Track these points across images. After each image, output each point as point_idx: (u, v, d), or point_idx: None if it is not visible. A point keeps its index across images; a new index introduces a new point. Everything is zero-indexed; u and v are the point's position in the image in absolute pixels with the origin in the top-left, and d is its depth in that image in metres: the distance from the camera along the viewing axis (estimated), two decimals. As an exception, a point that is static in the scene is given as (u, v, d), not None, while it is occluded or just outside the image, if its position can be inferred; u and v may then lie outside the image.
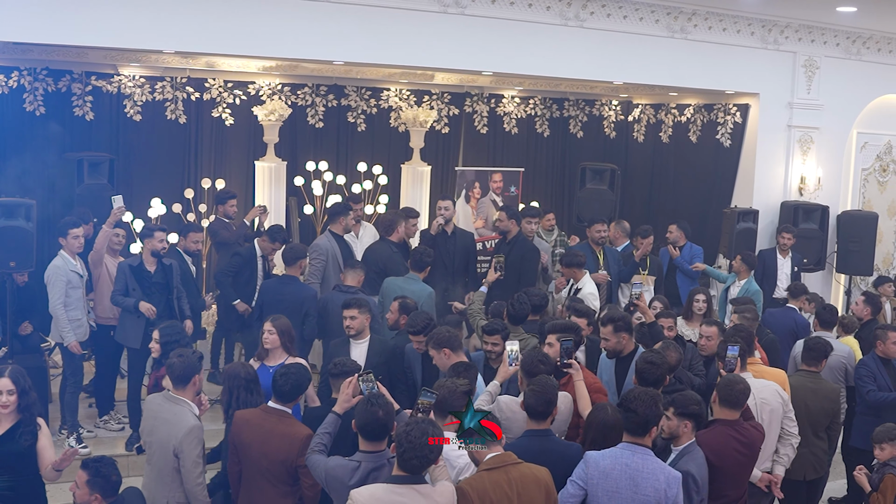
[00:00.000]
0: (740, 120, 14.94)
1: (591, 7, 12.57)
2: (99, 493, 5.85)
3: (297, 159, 14.28)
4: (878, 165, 15.80)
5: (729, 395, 6.57)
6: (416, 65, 12.79)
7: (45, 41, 11.04)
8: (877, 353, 9.08)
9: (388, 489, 5.22)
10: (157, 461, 6.59)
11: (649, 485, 5.61)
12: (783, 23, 14.09)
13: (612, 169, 14.26)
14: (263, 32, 11.16)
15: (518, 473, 5.52)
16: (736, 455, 6.49)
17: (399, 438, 5.24)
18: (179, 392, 6.62)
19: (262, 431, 6.42)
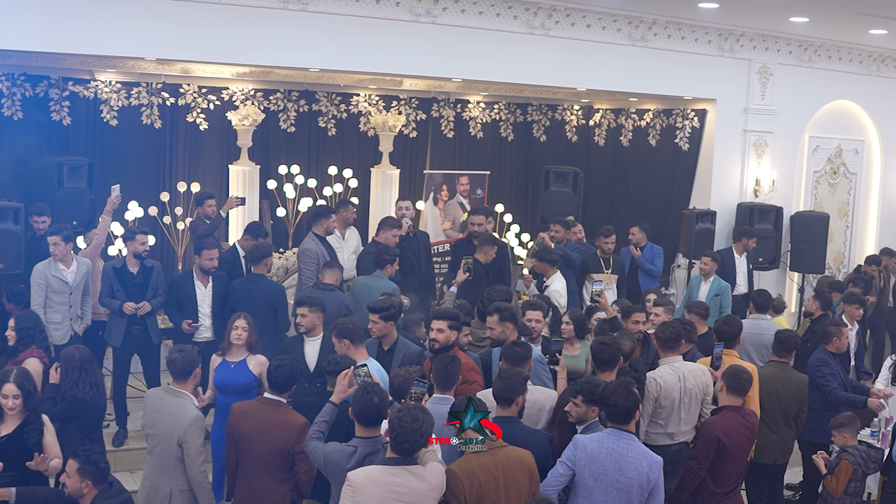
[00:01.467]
0: (698, 125, 15.41)
1: (556, 17, 12.98)
2: (90, 480, 6.13)
3: (269, 163, 14.51)
4: (829, 168, 16.31)
5: (735, 383, 7.20)
6: (389, 72, 13.08)
7: (24, 48, 11.08)
8: (828, 348, 9.53)
9: (383, 470, 5.61)
10: (160, 452, 6.93)
11: (633, 468, 6.06)
12: (739, 32, 14.57)
13: (575, 172, 14.63)
14: (238, 40, 11.44)
15: (504, 456, 5.91)
16: (742, 437, 7.16)
17: (392, 424, 5.64)
18: (180, 385, 6.99)
19: (260, 421, 6.78)
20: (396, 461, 5.64)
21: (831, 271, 16.01)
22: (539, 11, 12.82)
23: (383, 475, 5.60)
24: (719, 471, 7.08)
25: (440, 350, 7.56)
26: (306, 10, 11.48)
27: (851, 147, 16.56)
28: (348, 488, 5.58)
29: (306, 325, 8.37)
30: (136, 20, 10.87)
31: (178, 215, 13.50)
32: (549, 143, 17.02)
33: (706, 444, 7.06)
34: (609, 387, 6.32)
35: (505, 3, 12.61)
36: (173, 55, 11.73)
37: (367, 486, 5.55)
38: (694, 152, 15.55)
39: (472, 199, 15.38)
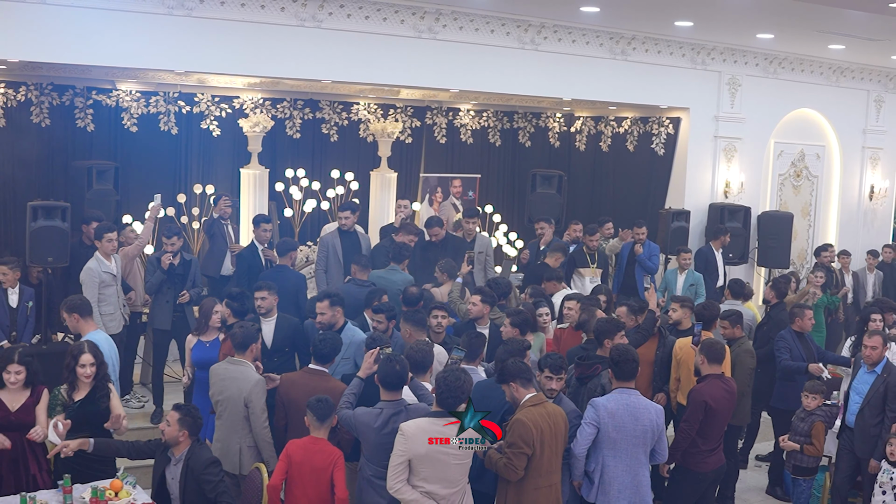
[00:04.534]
0: (672, 131, 16.16)
1: (545, 33, 13.83)
2: (187, 431, 7.21)
3: (277, 167, 15.13)
4: (793, 171, 17.13)
5: (713, 353, 8.28)
6: (395, 83, 13.85)
7: (53, 60, 11.75)
8: (793, 328, 10.71)
9: (430, 421, 6.64)
10: (228, 415, 7.91)
11: (646, 417, 7.25)
12: (710, 46, 15.32)
13: (559, 175, 15.43)
14: (257, 54, 12.16)
15: (551, 408, 6.98)
16: (725, 400, 8.22)
17: (438, 382, 6.71)
18: (241, 356, 8.01)
19: (308, 388, 7.65)
20: (441, 413, 6.67)
21: (795, 266, 16.80)
22: (529, 28, 13.67)
23: (430, 425, 6.61)
24: (706, 431, 8.14)
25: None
26: (321, 27, 12.27)
27: (813, 152, 17.32)
28: (401, 437, 6.56)
29: (266, 307, 9.24)
30: (154, 35, 11.54)
31: (194, 215, 14.17)
32: (534, 148, 17.84)
33: (695, 407, 8.13)
34: (620, 348, 7.47)
35: (499, 20, 13.41)
36: (189, 67, 12.39)
37: (417, 434, 6.54)
38: (669, 157, 16.26)
39: (464, 201, 16.35)
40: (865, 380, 9.22)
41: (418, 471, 6.59)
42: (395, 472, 6.59)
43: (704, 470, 8.25)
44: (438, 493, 6.61)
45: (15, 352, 7.61)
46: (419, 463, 6.57)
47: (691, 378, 8.94)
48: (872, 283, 15.97)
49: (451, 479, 6.67)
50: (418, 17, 12.86)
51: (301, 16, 12.14)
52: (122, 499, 7.15)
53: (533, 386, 7.04)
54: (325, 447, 7.02)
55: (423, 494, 6.59)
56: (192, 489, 7.11)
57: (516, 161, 17.86)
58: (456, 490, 6.71)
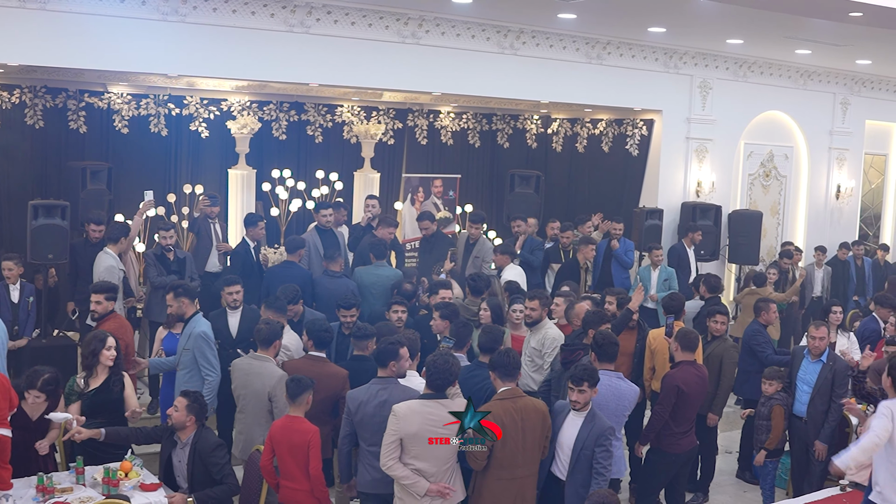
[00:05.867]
0: (646, 133, 16.61)
1: (524, 38, 14.25)
2: (194, 416, 7.67)
3: (264, 167, 15.45)
4: (762, 171, 17.65)
5: (687, 341, 8.80)
6: (379, 86, 14.25)
7: (47, 64, 12.10)
8: (759, 321, 11.21)
9: (421, 403, 7.08)
10: (251, 409, 8.32)
11: (625, 397, 7.81)
12: (682, 51, 15.79)
13: (537, 175, 15.84)
14: (247, 59, 12.50)
15: (522, 403, 7.23)
16: (696, 385, 8.73)
17: (428, 365, 7.19)
18: (263, 352, 8.44)
19: (313, 374, 8.01)
20: (431, 396, 7.12)
21: (765, 263, 17.11)
22: (509, 34, 14.08)
23: (421, 406, 7.05)
24: (679, 414, 8.69)
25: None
26: (309, 32, 12.63)
27: (782, 153, 17.86)
28: (394, 417, 7.00)
29: (239, 300, 9.81)
30: (145, 40, 11.84)
31: (184, 214, 14.43)
32: (512, 149, 18.22)
33: (668, 392, 8.66)
34: (602, 334, 8.01)
35: (479, 26, 13.82)
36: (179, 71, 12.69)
37: (408, 415, 6.97)
38: (643, 157, 16.70)
39: (444, 200, 16.81)
40: (811, 370, 9.65)
41: (409, 449, 6.99)
42: (387, 450, 7.01)
43: (677, 451, 8.78)
44: (428, 471, 7.00)
45: (39, 378, 7.69)
46: (410, 442, 6.98)
47: (665, 366, 9.45)
48: (821, 278, 16.51)
49: (440, 458, 7.05)
50: (402, 22, 13.26)
51: (290, 21, 12.53)
52: (132, 479, 7.59)
53: (512, 380, 7.35)
54: (302, 425, 7.40)
55: (414, 471, 6.99)
56: (200, 470, 7.56)
57: (495, 162, 18.25)
58: (445, 468, 7.09)
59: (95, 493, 7.39)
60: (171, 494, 7.48)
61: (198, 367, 8.86)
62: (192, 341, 8.97)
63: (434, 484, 6.97)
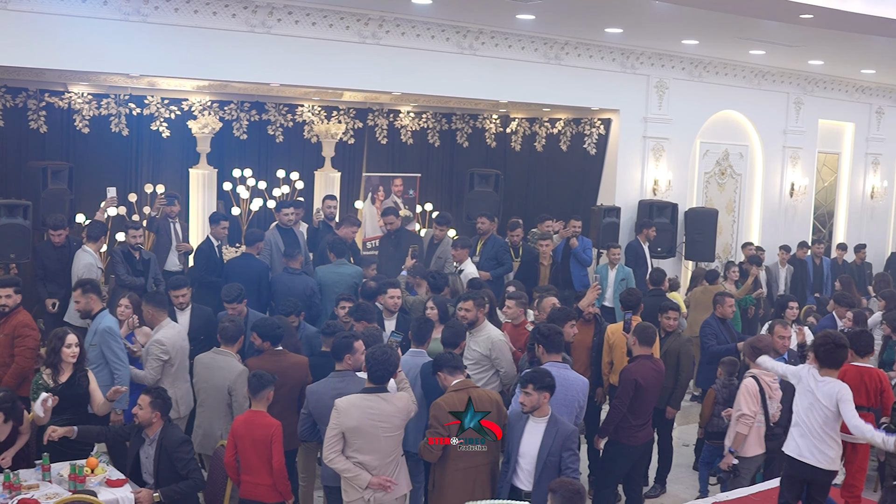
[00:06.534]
0: (603, 132, 16.78)
1: (483, 38, 14.39)
2: (159, 412, 7.75)
3: (225, 167, 15.55)
4: (718, 170, 17.87)
5: (644, 336, 8.92)
6: (340, 86, 14.34)
7: (8, 63, 11.92)
8: (716, 314, 11.47)
9: (362, 398, 7.16)
10: (211, 402, 8.43)
11: (574, 389, 7.91)
12: (639, 51, 15.98)
13: (496, 174, 16.00)
14: (209, 59, 12.55)
15: (476, 394, 7.41)
16: (653, 379, 8.88)
17: (367, 358, 7.31)
18: (228, 348, 8.57)
19: (279, 367, 8.26)
20: (372, 390, 7.20)
21: (721, 260, 17.46)
22: (468, 34, 14.22)
23: (361, 401, 7.13)
24: (636, 407, 8.84)
25: None
26: (270, 32, 12.69)
27: (737, 151, 18.10)
28: (335, 411, 7.10)
29: (184, 302, 9.89)
30: (106, 39, 11.83)
31: (145, 214, 14.35)
32: (471, 148, 18.43)
33: (626, 385, 8.81)
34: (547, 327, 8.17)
35: (439, 26, 13.94)
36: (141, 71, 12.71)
37: (349, 410, 7.06)
38: (600, 156, 16.84)
39: (405, 199, 16.94)
40: None
41: (351, 442, 7.09)
42: (329, 443, 7.12)
43: (635, 444, 8.94)
44: (371, 464, 7.09)
45: None
46: (351, 435, 7.08)
47: (623, 361, 9.62)
48: (784, 277, 16.81)
49: (383, 451, 7.14)
50: (362, 23, 13.35)
51: (251, 22, 12.59)
52: (98, 475, 7.66)
53: (461, 373, 7.54)
54: (264, 420, 7.51)
55: (356, 465, 7.09)
56: (166, 466, 7.64)
57: (454, 161, 18.40)
58: (389, 461, 7.19)
59: (62, 490, 7.43)
60: (138, 490, 7.55)
61: (106, 361, 8.88)
62: (98, 337, 8.96)
63: (376, 477, 7.06)
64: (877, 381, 8.14)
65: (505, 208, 16.24)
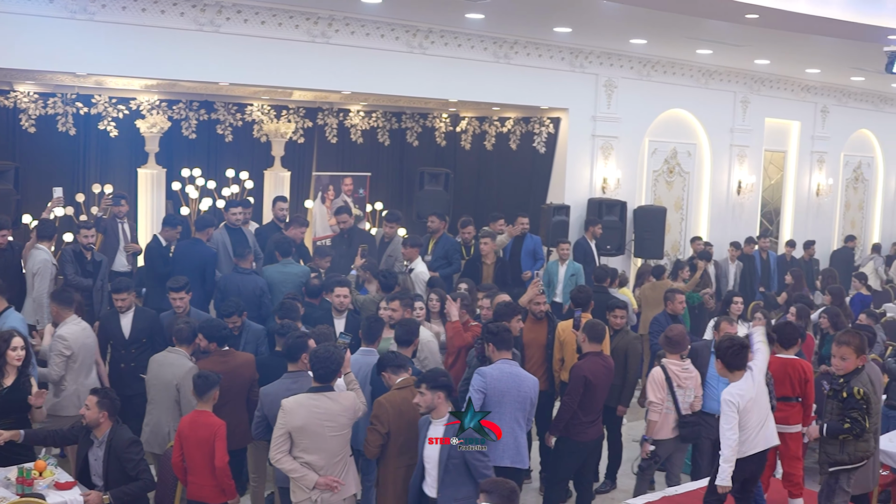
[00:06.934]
0: (553, 130, 16.84)
1: (432, 38, 14.40)
2: (106, 412, 7.67)
3: (174, 166, 15.46)
4: (666, 168, 18.04)
5: (594, 333, 8.98)
6: (290, 85, 14.33)
7: None
8: (667, 311, 11.58)
9: (308, 397, 7.17)
10: (160, 399, 8.44)
11: (526, 385, 7.95)
12: (588, 50, 16.06)
13: (446, 173, 16.02)
14: (157, 57, 12.43)
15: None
16: (603, 375, 8.93)
17: (311, 358, 7.34)
18: (182, 347, 8.57)
19: (227, 367, 8.28)
20: (318, 389, 7.21)
21: (669, 257, 17.66)
22: (418, 33, 14.23)
23: (307, 400, 7.14)
24: (587, 403, 8.89)
25: None
26: (219, 31, 12.62)
27: (685, 150, 18.25)
28: (281, 411, 7.11)
29: (126, 306, 9.77)
30: (54, 37, 11.71)
31: (93, 214, 14.31)
32: (421, 147, 18.46)
33: (576, 382, 8.86)
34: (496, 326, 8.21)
35: (388, 25, 13.94)
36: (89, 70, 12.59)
37: (295, 409, 7.07)
38: (550, 155, 16.92)
39: (355, 198, 16.93)
40: None
41: (298, 442, 7.10)
42: (276, 443, 7.13)
43: (585, 440, 9.00)
44: (318, 464, 7.10)
45: None
46: (298, 435, 7.08)
47: (574, 358, 9.67)
48: (734, 273, 16.97)
49: (330, 451, 7.15)
50: (312, 21, 13.32)
51: (200, 20, 12.51)
52: (46, 478, 7.59)
53: (405, 371, 7.58)
54: (209, 419, 7.50)
55: (304, 465, 7.10)
56: (115, 468, 7.56)
57: (404, 160, 18.45)
58: (336, 461, 7.19)
59: (9, 493, 7.35)
60: (87, 492, 7.49)
61: None
62: None
63: (322, 477, 7.06)
64: (800, 372, 8.24)
65: (455, 207, 16.25)
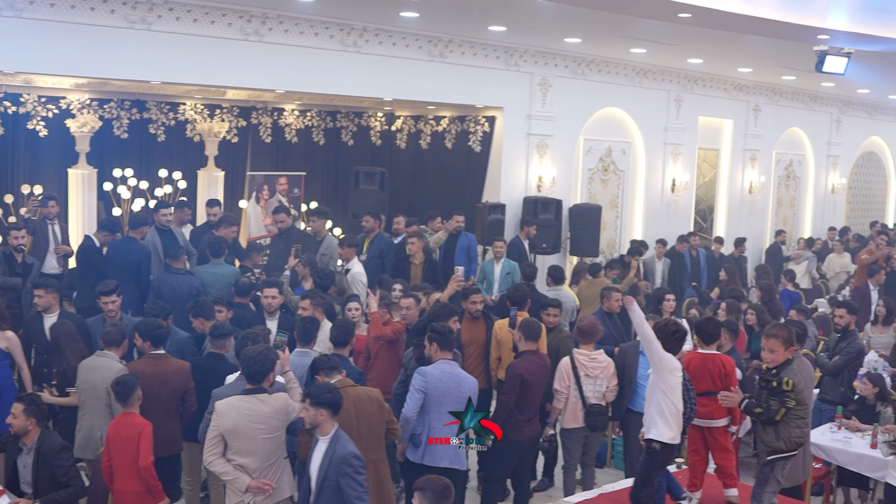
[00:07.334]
0: (488, 129, 16.86)
1: (367, 36, 14.32)
2: (34, 419, 7.54)
3: (105, 167, 15.29)
4: (601, 166, 18.10)
5: (529, 332, 8.94)
6: (223, 84, 14.18)
7: None
8: (603, 308, 11.61)
9: (239, 399, 7.11)
10: (91, 403, 8.26)
11: (465, 385, 7.95)
12: (522, 49, 16.08)
13: (381, 172, 16.02)
14: (87, 56, 12.24)
15: (354, 393, 7.38)
16: (539, 374, 8.92)
17: (241, 358, 7.29)
18: (111, 350, 8.41)
19: (158, 371, 8.20)
20: (250, 391, 7.14)
21: (605, 255, 17.74)
22: (352, 32, 14.16)
23: (239, 402, 7.07)
24: (523, 402, 8.90)
25: None
26: (150, 29, 12.44)
27: (619, 148, 18.35)
28: (214, 413, 7.06)
29: (43, 305, 9.68)
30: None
31: (22, 215, 14.10)
32: (357, 146, 18.44)
33: (512, 381, 8.85)
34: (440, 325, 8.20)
35: (323, 24, 13.84)
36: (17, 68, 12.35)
37: (226, 411, 7.01)
38: (485, 153, 16.93)
39: (290, 198, 16.85)
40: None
41: (230, 444, 7.02)
42: (208, 445, 7.06)
43: (522, 439, 8.99)
44: (250, 467, 7.01)
45: None
46: (230, 437, 7.01)
47: (510, 356, 9.68)
48: (661, 270, 17.17)
49: (262, 453, 7.05)
50: (245, 20, 13.20)
51: (131, 18, 12.33)
52: (-28, 487, 7.47)
53: (338, 372, 7.51)
54: (134, 419, 7.41)
55: (237, 467, 7.02)
56: (45, 475, 7.45)
57: (340, 159, 18.42)
58: (269, 464, 7.11)
59: (-64, 503, 7.25)
60: (15, 500, 7.37)
61: None
62: None
63: (254, 480, 6.97)
64: (720, 367, 8.28)
65: (391, 206, 16.25)
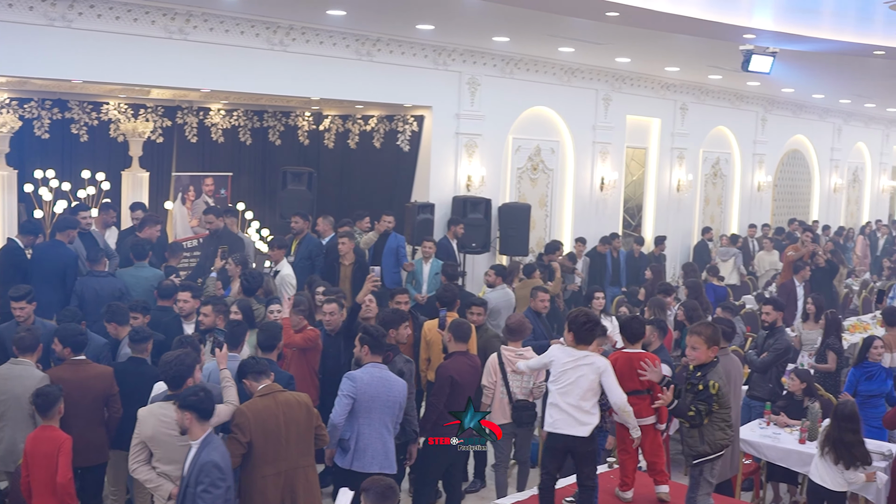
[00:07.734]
0: (417, 128, 16.80)
1: (293, 34, 14.19)
2: None
3: (26, 168, 14.99)
4: (530, 165, 18.12)
5: (459, 333, 8.91)
6: (146, 83, 13.94)
7: None
8: (531, 308, 11.61)
9: (160, 405, 7.02)
10: (12, 415, 7.97)
11: (395, 389, 7.85)
12: (451, 48, 16.06)
13: (309, 172, 15.93)
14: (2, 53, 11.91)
15: (283, 398, 7.24)
16: (469, 375, 8.88)
17: (160, 364, 7.15)
18: (26, 357, 8.13)
19: (78, 378, 7.98)
20: (170, 397, 7.01)
21: (534, 254, 17.67)
22: (278, 30, 14.02)
23: (158, 409, 6.98)
24: (453, 403, 8.84)
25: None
26: (71, 26, 12.17)
27: (548, 147, 18.38)
28: (137, 421, 6.97)
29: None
30: None
31: (-58, 218, 13.90)
32: (284, 146, 18.31)
33: (442, 382, 8.78)
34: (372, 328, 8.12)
35: (248, 22, 13.69)
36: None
37: (146, 418, 6.93)
38: (414, 153, 16.86)
39: (216, 198, 16.64)
40: None
41: (153, 452, 6.95)
42: (133, 452, 6.97)
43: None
44: (173, 474, 6.91)
45: None
46: (151, 445, 6.93)
47: (440, 357, 9.64)
48: (581, 268, 17.33)
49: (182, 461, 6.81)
50: (169, 17, 13.00)
51: (50, 15, 12.07)
52: None
53: (266, 377, 7.34)
54: (53, 433, 7.22)
55: (161, 474, 6.92)
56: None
57: (267, 159, 18.28)
58: None
59: None
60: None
61: None
62: None
63: (176, 487, 6.83)
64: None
65: (319, 206, 16.14)
